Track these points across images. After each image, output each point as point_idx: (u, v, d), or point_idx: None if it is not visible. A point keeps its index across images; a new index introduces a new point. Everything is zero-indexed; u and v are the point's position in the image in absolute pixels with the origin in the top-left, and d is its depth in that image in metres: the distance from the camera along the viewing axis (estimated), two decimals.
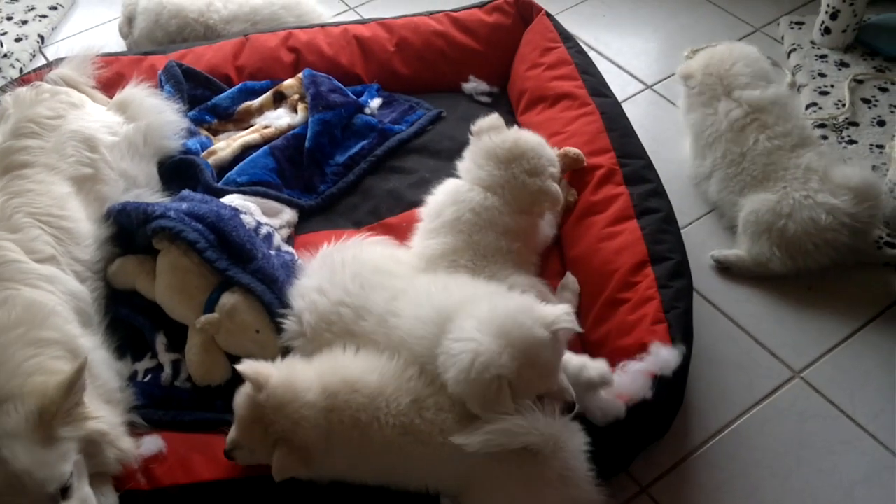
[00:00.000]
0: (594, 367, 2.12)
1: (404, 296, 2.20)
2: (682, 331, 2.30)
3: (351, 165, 3.01)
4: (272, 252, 2.53)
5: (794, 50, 3.57)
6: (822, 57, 3.53)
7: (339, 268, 2.31)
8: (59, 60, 3.03)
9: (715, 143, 2.94)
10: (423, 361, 2.07)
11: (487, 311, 1.99)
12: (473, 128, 2.61)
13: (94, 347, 2.25)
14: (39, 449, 1.87)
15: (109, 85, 3.10)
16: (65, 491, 1.89)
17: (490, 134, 2.55)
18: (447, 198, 2.53)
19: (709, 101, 2.99)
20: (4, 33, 3.87)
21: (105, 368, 2.25)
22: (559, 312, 1.99)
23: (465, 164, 2.59)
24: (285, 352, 2.30)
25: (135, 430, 2.22)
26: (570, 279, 2.55)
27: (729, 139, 2.90)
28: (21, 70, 3.71)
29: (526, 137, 2.56)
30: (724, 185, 2.92)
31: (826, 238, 2.70)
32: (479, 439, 1.91)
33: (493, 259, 2.40)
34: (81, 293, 2.34)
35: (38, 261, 2.29)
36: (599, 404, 2.12)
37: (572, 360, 2.11)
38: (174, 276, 2.43)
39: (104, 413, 2.08)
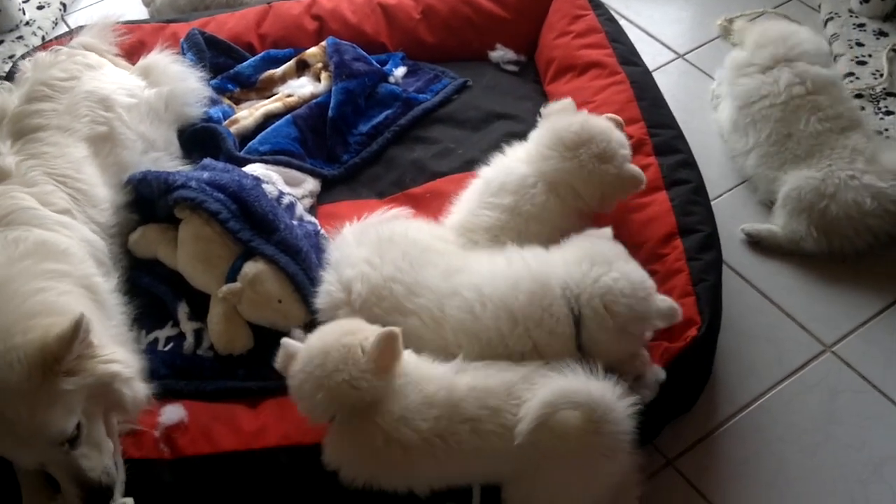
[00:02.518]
0: None
1: (460, 275, 2.16)
2: (710, 304, 2.26)
3: (374, 135, 2.97)
4: (294, 222, 2.50)
5: (832, 18, 3.49)
6: (860, 26, 3.44)
7: (388, 244, 2.25)
8: (81, 28, 3.01)
9: (762, 120, 2.86)
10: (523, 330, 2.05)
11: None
12: (543, 110, 2.52)
13: (110, 290, 2.23)
14: (44, 407, 1.84)
15: (131, 53, 3.08)
16: (73, 441, 1.88)
17: (559, 115, 2.46)
18: (510, 181, 2.41)
19: (768, 65, 2.89)
20: (27, 0, 3.85)
21: (118, 311, 2.24)
22: None
23: (531, 147, 2.47)
24: (310, 322, 2.29)
25: (157, 400, 2.22)
26: None
27: (778, 118, 2.82)
28: (43, 38, 3.69)
29: (594, 121, 2.43)
30: (763, 161, 2.85)
31: (868, 224, 2.65)
32: (536, 407, 1.84)
33: (533, 245, 2.31)
34: (97, 242, 2.32)
35: (53, 211, 2.27)
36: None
37: None
38: (196, 245, 2.42)
39: (117, 353, 2.03)
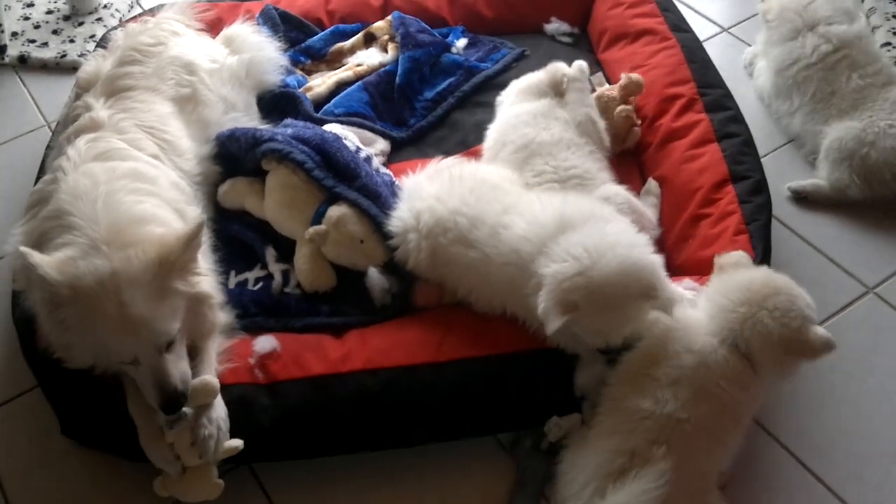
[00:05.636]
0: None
1: (514, 209, 2.34)
2: (762, 240, 2.44)
3: (439, 101, 3.17)
4: (373, 171, 2.69)
5: None
6: None
7: (458, 180, 2.47)
8: (159, 7, 3.22)
9: (804, 82, 3.04)
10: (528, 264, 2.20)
11: (598, 236, 2.15)
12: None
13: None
14: (156, 299, 2.03)
15: (209, 29, 3.26)
16: (169, 345, 2.07)
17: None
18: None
19: (792, 35, 3.09)
20: None
21: (206, 243, 2.43)
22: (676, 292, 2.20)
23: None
24: (390, 259, 2.50)
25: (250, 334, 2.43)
26: (652, 184, 2.73)
27: (820, 77, 3.01)
28: (120, 20, 3.91)
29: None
30: (809, 119, 3.04)
31: None
32: None
33: (570, 160, 2.56)
34: (183, 186, 2.51)
35: (145, 154, 2.47)
36: None
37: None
38: (283, 193, 2.62)
39: (210, 278, 2.25)
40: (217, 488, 2.16)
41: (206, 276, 2.23)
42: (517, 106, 2.76)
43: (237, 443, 2.16)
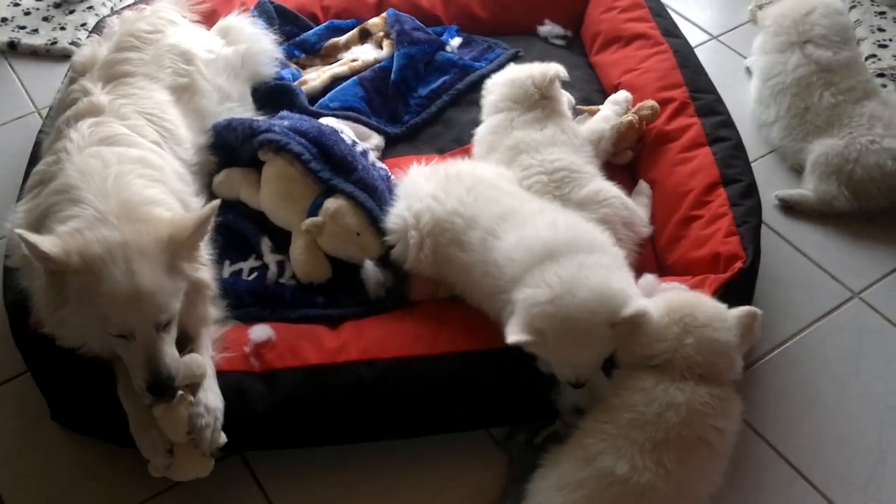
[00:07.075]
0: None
1: (512, 217, 2.32)
2: (752, 242, 2.48)
3: (433, 98, 3.19)
4: (370, 165, 2.71)
5: (855, 6, 3.72)
6: (881, 13, 3.67)
7: (455, 180, 2.47)
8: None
9: (780, 94, 3.11)
10: (506, 284, 2.20)
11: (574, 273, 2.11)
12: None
13: (199, 209, 2.39)
14: (163, 274, 2.04)
15: (203, 21, 3.27)
16: (166, 326, 2.07)
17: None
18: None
19: (783, 48, 3.15)
20: None
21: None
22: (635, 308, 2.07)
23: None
24: (386, 253, 2.50)
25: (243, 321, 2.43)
26: (643, 185, 2.77)
27: (794, 93, 3.07)
28: (112, 9, 3.90)
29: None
30: (787, 133, 3.09)
31: (890, 184, 2.88)
32: None
33: (556, 153, 2.60)
34: (186, 176, 2.52)
35: (147, 141, 2.48)
36: None
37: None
38: (280, 184, 2.63)
39: (209, 269, 2.27)
40: (209, 465, 2.15)
41: (206, 267, 2.24)
42: (510, 114, 2.76)
43: (223, 438, 2.17)
